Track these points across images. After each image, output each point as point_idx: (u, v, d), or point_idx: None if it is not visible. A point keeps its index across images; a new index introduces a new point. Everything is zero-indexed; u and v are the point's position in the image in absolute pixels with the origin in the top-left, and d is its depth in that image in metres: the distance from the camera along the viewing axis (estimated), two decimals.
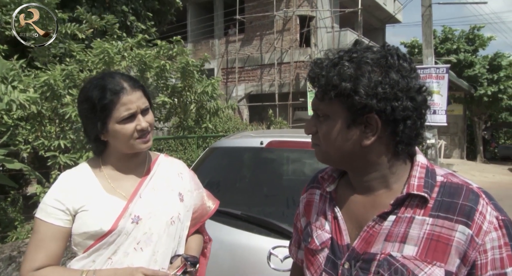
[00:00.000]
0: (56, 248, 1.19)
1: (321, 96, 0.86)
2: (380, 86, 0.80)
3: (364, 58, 0.82)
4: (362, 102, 0.80)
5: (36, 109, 4.07)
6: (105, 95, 1.17)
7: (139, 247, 1.22)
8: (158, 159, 1.39)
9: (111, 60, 4.57)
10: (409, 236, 0.82)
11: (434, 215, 0.82)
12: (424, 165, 0.89)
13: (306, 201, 1.09)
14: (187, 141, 7.92)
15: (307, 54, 15.53)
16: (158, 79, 5.22)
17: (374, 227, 0.86)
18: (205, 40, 18.42)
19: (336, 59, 0.85)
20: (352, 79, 0.80)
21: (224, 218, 2.00)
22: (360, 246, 0.87)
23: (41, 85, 4.03)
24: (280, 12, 15.72)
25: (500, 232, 0.79)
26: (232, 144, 2.55)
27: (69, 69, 4.26)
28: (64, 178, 1.26)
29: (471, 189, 0.83)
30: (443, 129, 16.87)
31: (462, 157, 20.12)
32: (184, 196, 1.36)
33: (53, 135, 4.37)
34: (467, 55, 18.56)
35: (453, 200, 0.82)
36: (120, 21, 6.23)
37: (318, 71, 0.86)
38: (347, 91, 0.80)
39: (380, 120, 0.82)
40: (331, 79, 0.82)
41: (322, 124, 0.88)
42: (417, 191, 0.83)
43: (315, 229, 1.00)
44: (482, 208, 0.80)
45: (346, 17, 16.86)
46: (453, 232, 0.79)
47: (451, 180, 0.86)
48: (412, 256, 0.81)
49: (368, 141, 0.85)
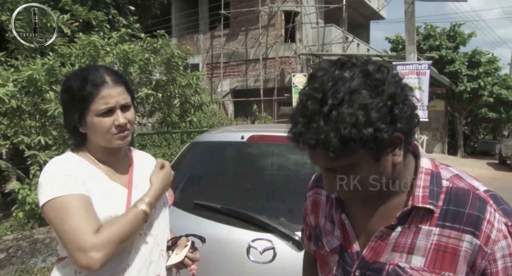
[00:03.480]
0: (94, 214, 1.11)
1: (338, 155, 0.73)
2: (394, 108, 0.74)
3: (354, 93, 0.72)
4: (389, 136, 0.74)
5: (15, 104, 3.99)
6: (84, 87, 1.17)
7: (143, 232, 1.26)
8: (132, 152, 1.42)
9: (97, 54, 4.50)
10: (416, 246, 0.81)
11: (441, 225, 0.79)
12: (429, 170, 0.85)
13: (313, 200, 1.07)
14: (171, 136, 7.88)
15: (292, 50, 15.57)
16: (142, 73, 5.18)
17: (382, 237, 0.85)
18: (190, 35, 18.26)
19: (326, 110, 0.72)
20: (368, 122, 0.71)
21: (204, 211, 2.02)
22: (370, 255, 0.86)
23: (23, 80, 3.95)
24: (265, 8, 15.70)
25: (510, 239, 0.77)
26: (213, 139, 2.57)
27: (50, 63, 4.19)
28: (60, 162, 1.20)
29: (478, 195, 0.80)
30: (425, 125, 17.15)
31: (444, 151, 20.50)
32: None
33: (33, 131, 4.30)
34: (448, 51, 18.87)
35: (459, 209, 0.79)
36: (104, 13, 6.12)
37: (319, 135, 0.72)
38: (372, 136, 0.71)
39: (402, 135, 0.77)
40: (347, 135, 0.70)
41: (348, 175, 0.80)
42: (422, 203, 0.81)
43: (324, 234, 0.99)
44: (490, 215, 0.77)
45: (331, 13, 16.94)
46: (461, 242, 0.77)
47: (457, 184, 0.83)
48: (420, 267, 0.80)
49: (399, 158, 0.80)
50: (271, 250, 1.77)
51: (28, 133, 4.21)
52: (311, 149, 0.77)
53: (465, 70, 18.34)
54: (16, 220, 4.17)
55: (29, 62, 4.28)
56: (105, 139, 1.21)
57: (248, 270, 1.79)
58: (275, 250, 1.76)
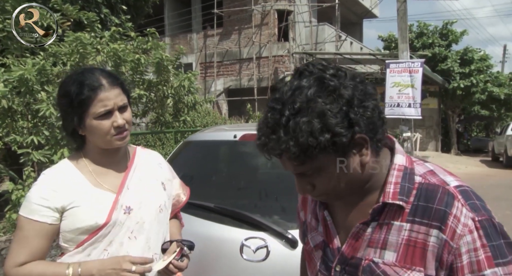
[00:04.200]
0: (40, 245, 1.20)
1: (302, 161, 0.77)
2: (350, 112, 0.75)
3: (310, 101, 0.75)
4: (347, 139, 0.76)
5: (6, 104, 3.96)
6: (82, 91, 1.19)
7: (133, 236, 1.27)
8: (136, 151, 1.43)
9: (85, 52, 4.47)
10: (388, 242, 0.83)
11: (411, 220, 0.81)
12: (402, 166, 0.86)
13: (302, 197, 1.11)
14: (165, 135, 7.86)
15: (285, 49, 15.59)
16: (134, 73, 5.15)
17: (359, 233, 0.87)
18: (183, 34, 18.21)
19: (284, 121, 0.75)
20: (325, 128, 0.73)
21: (197, 210, 2.02)
22: (348, 251, 0.89)
23: (14, 80, 3.92)
24: (258, 6, 15.69)
25: (477, 234, 0.77)
26: (206, 138, 2.57)
27: (41, 63, 4.16)
28: (48, 175, 1.26)
29: (447, 190, 0.81)
30: (419, 123, 17.25)
31: (437, 149, 20.64)
32: (166, 185, 1.42)
33: (25, 131, 4.27)
34: (441, 49, 18.99)
35: (428, 204, 0.81)
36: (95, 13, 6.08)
37: (280, 145, 0.75)
38: (329, 142, 0.74)
39: (366, 135, 0.79)
40: (305, 143, 0.74)
41: (316, 179, 0.82)
42: (392, 199, 0.82)
43: (310, 230, 1.02)
44: (457, 210, 0.78)
45: (324, 12, 16.98)
46: (429, 237, 0.79)
47: (429, 180, 0.84)
48: (392, 262, 0.82)
49: (367, 157, 0.81)
50: (264, 249, 1.78)
51: (20, 134, 4.18)
52: (277, 157, 0.80)
53: (458, 68, 18.47)
54: (9, 222, 4.14)
55: (19, 62, 4.25)
56: (104, 140, 1.24)
57: (241, 269, 1.80)
58: (268, 248, 1.77)
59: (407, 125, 12.48)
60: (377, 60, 16.01)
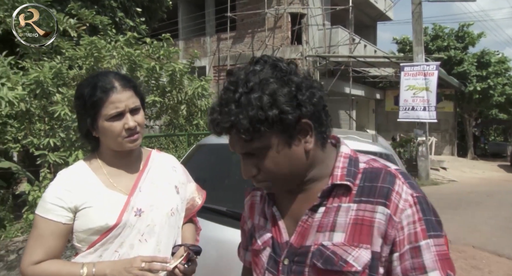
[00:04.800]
0: (55, 243, 1.22)
1: (250, 137, 0.81)
2: (298, 94, 0.82)
3: (263, 81, 0.81)
4: (294, 118, 0.81)
5: (24, 107, 4.05)
6: (95, 93, 1.21)
7: (143, 239, 1.27)
8: (151, 154, 1.43)
9: (100, 55, 4.54)
10: (337, 224, 0.86)
11: (358, 201, 0.86)
12: (347, 154, 0.93)
13: (250, 203, 1.11)
14: (178, 138, 7.92)
15: (298, 52, 15.57)
16: (149, 79, 5.21)
17: (308, 220, 0.89)
18: (197, 38, 18.36)
19: (237, 97, 0.81)
20: (274, 104, 0.80)
21: (210, 214, 2.02)
22: (297, 241, 0.90)
23: (30, 82, 4.01)
24: (272, 10, 15.72)
25: (415, 208, 0.83)
26: (219, 141, 2.57)
27: (57, 67, 4.24)
28: (64, 175, 1.28)
29: (389, 171, 0.89)
30: (434, 126, 17.02)
31: (453, 153, 20.31)
32: (180, 189, 1.42)
33: (42, 134, 4.35)
34: (457, 52, 18.72)
35: (373, 184, 0.86)
36: (109, 17, 6.17)
37: (232, 119, 0.80)
38: (277, 117, 0.80)
39: (311, 121, 0.85)
40: (255, 116, 0.79)
41: (263, 159, 0.85)
42: (340, 180, 0.88)
43: (257, 229, 1.03)
44: (398, 187, 0.85)
45: (337, 15, 16.92)
46: (375, 213, 0.84)
47: (372, 165, 0.91)
48: (341, 242, 0.84)
49: (310, 145, 0.87)
50: None
51: (37, 136, 4.26)
52: (227, 134, 0.85)
53: (474, 71, 18.19)
54: (27, 222, 4.22)
55: (37, 66, 4.34)
56: (116, 142, 1.25)
57: None
58: None
59: (422, 129, 12.32)
60: (391, 63, 15.87)
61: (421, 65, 11.70)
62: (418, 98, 11.76)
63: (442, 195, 9.66)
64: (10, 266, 3.16)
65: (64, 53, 4.69)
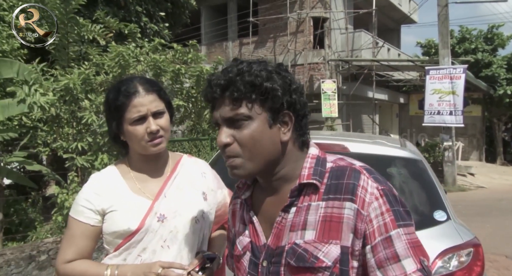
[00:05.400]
0: (85, 244, 1.27)
1: (239, 102, 0.87)
2: (292, 84, 0.90)
3: (263, 64, 0.90)
4: (282, 100, 0.87)
5: (54, 112, 4.18)
6: (118, 97, 1.25)
7: (166, 245, 1.27)
8: (181, 159, 1.43)
9: (127, 63, 4.65)
10: (308, 222, 0.88)
11: (326, 198, 0.88)
12: (315, 155, 0.96)
13: (232, 212, 1.13)
14: (201, 143, 7.99)
15: (321, 56, 15.48)
16: (173, 83, 5.29)
17: (282, 221, 0.92)
18: (219, 43, 18.53)
19: (239, 66, 0.88)
20: (270, 79, 0.87)
21: None
22: (273, 242, 0.93)
23: (61, 88, 4.14)
24: (294, 14, 15.71)
25: (381, 200, 0.86)
26: None
27: (86, 73, 4.36)
28: (95, 179, 1.33)
29: (354, 168, 0.91)
30: (461, 131, 16.54)
31: (481, 159, 19.70)
32: (208, 195, 1.40)
33: (70, 138, 4.48)
34: (485, 54, 18.19)
35: (339, 181, 0.89)
36: (134, 22, 6.32)
37: (230, 76, 0.87)
38: (269, 90, 0.86)
39: (293, 116, 0.90)
40: (252, 81, 0.86)
41: (243, 129, 0.88)
42: (307, 179, 0.90)
43: (237, 236, 1.05)
44: (363, 182, 0.87)
45: (360, 18, 16.74)
46: (342, 209, 0.86)
47: (338, 163, 0.94)
48: (312, 239, 0.87)
49: (286, 137, 0.91)
50: None
51: (66, 140, 4.39)
52: (218, 96, 0.89)
53: (504, 74, 17.61)
54: (56, 224, 4.34)
55: (66, 72, 4.48)
56: (140, 146, 1.27)
57: None
58: None
59: (448, 134, 11.99)
60: (416, 67, 15.56)
61: (447, 68, 11.41)
62: (444, 102, 11.46)
63: (470, 201, 9.36)
64: (41, 266, 3.24)
65: (91, 60, 4.82)
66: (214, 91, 0.89)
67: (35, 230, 4.88)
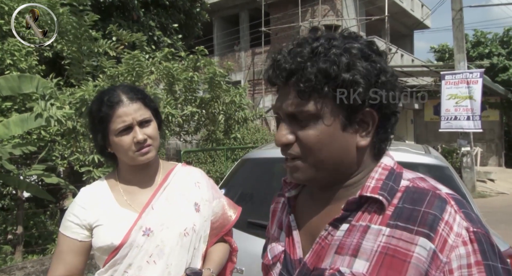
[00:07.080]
0: (73, 260, 1.21)
1: (306, 95, 0.68)
2: (382, 75, 0.69)
3: (347, 45, 0.69)
4: (364, 97, 0.67)
5: (71, 125, 4.20)
6: (101, 108, 1.20)
7: (151, 260, 1.20)
8: (174, 169, 1.36)
9: (141, 70, 4.67)
10: (361, 248, 0.68)
11: (393, 225, 0.67)
12: (388, 166, 0.75)
13: (272, 211, 0.98)
14: (216, 153, 7.97)
15: None
16: (186, 91, 5.30)
17: (327, 238, 0.73)
18: (231, 53, 18.65)
19: (315, 44, 0.69)
20: (351, 68, 0.66)
21: (257, 230, 1.97)
22: (311, 261, 0.75)
23: (76, 101, 4.17)
24: (306, 23, 15.74)
25: (471, 248, 0.63)
26: (263, 155, 2.53)
27: (101, 85, 4.40)
28: (82, 193, 1.28)
29: (438, 194, 0.69)
30: (478, 136, 16.20)
31: (500, 164, 19.25)
32: (201, 206, 1.32)
33: (87, 151, 4.50)
34: (501, 58, 17.88)
35: (415, 207, 0.68)
36: (148, 36, 6.40)
37: (299, 60, 0.68)
38: (347, 83, 0.66)
39: (377, 116, 0.70)
40: (326, 69, 0.66)
41: (307, 129, 0.70)
42: (371, 192, 0.70)
43: (270, 241, 0.90)
44: (449, 216, 0.65)
45: (372, 25, 16.68)
46: (412, 246, 0.65)
47: (418, 184, 0.72)
48: (362, 273, 0.67)
49: (364, 141, 0.71)
50: None
51: (82, 153, 4.41)
52: (281, 83, 0.72)
53: None
54: None
55: (81, 85, 4.53)
56: (128, 157, 1.22)
57: None
58: None
59: (466, 139, 11.75)
60: (430, 72, 15.36)
61: (463, 73, 11.22)
62: (461, 107, 11.26)
63: (492, 208, 9.10)
64: None
65: (106, 72, 4.87)
66: (277, 75, 0.71)
67: (54, 243, 4.89)
